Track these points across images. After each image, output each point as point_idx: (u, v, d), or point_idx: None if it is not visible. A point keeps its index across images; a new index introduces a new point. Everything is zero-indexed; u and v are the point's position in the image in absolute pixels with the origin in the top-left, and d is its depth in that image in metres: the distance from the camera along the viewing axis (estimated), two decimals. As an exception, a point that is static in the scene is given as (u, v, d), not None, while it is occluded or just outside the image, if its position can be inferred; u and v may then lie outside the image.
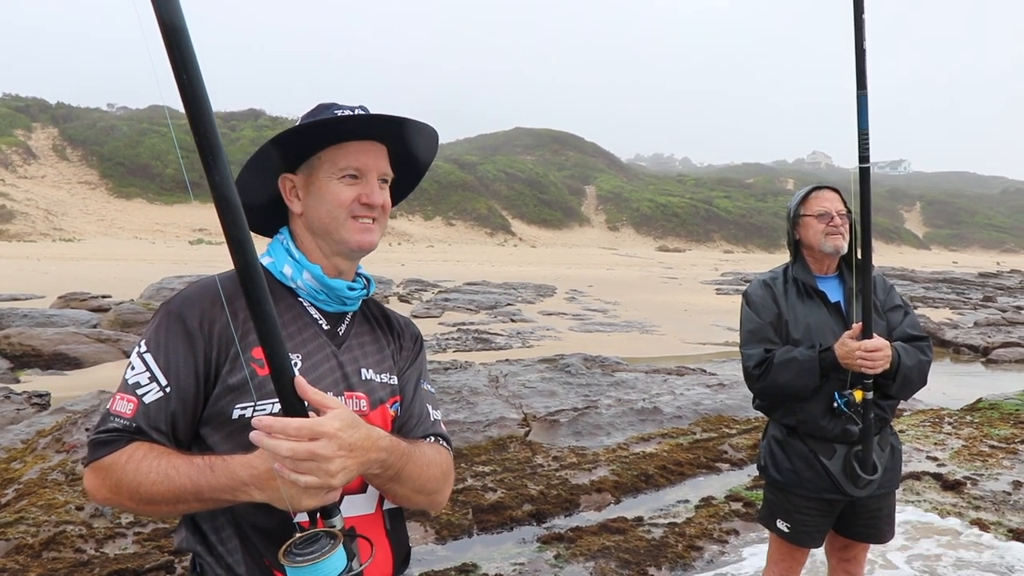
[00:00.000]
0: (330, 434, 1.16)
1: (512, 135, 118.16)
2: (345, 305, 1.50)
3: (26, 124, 63.74)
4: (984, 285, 35.19)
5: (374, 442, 1.26)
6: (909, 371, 2.57)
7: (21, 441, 6.03)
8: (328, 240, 1.46)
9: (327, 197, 1.43)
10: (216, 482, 1.23)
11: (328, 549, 1.15)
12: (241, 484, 1.22)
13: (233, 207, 1.08)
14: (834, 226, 2.71)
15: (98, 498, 1.30)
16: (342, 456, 1.18)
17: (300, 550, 1.15)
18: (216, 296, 1.35)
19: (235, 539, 1.35)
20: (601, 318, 19.08)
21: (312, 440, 1.14)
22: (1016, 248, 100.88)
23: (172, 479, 1.24)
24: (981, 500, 5.33)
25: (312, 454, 1.14)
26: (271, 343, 1.14)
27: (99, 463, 1.28)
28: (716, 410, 7.56)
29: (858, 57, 2.32)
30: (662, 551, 4.36)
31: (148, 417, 1.30)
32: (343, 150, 1.44)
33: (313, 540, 1.17)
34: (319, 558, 1.13)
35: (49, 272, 24.70)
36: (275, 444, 1.14)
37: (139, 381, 1.32)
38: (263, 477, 1.20)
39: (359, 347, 1.51)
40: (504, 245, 66.42)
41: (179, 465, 1.25)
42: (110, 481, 1.26)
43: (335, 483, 1.18)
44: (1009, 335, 16.57)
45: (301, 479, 1.15)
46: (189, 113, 1.03)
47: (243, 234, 1.10)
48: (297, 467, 1.14)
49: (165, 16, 1.00)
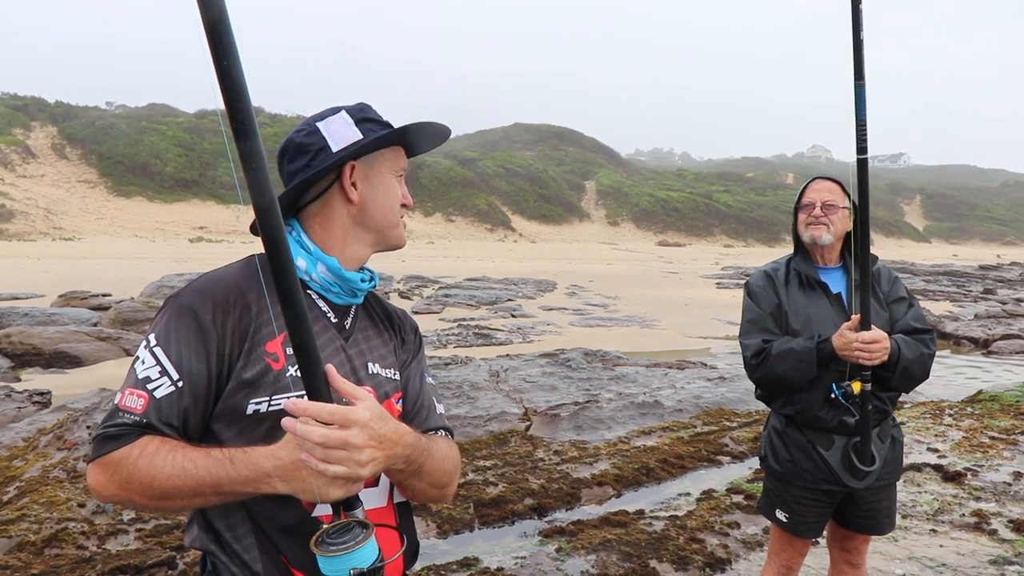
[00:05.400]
0: (363, 423, 1.15)
1: (511, 131, 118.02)
2: (355, 297, 1.49)
3: (25, 123, 63.67)
4: (984, 278, 35.18)
5: (401, 436, 1.26)
6: (909, 364, 2.56)
7: (22, 439, 6.04)
8: (377, 233, 1.48)
9: (391, 192, 1.48)
10: (237, 474, 1.21)
11: (362, 538, 1.15)
12: (264, 475, 1.20)
13: (269, 200, 1.08)
14: (814, 217, 2.71)
15: (104, 495, 1.25)
16: (372, 447, 1.17)
17: (333, 539, 1.14)
18: (229, 290, 1.34)
19: (251, 536, 1.32)
20: (601, 313, 19.08)
21: (344, 428, 1.14)
22: (1016, 241, 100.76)
23: (189, 472, 1.20)
24: (982, 491, 5.34)
25: (344, 442, 1.13)
26: (302, 332, 1.12)
27: (107, 458, 1.23)
28: (717, 403, 7.57)
29: (856, 48, 2.31)
30: (663, 544, 4.36)
31: (160, 412, 1.26)
32: (399, 151, 1.51)
33: (346, 529, 1.16)
34: (354, 547, 1.13)
35: (49, 271, 24.70)
36: (308, 430, 1.12)
37: (149, 376, 1.28)
38: (288, 468, 1.18)
39: (364, 341, 1.50)
40: (504, 241, 66.38)
41: (196, 458, 1.22)
42: (120, 476, 1.22)
43: (364, 473, 1.17)
44: (1009, 327, 16.57)
45: (330, 468, 1.13)
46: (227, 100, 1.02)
47: (278, 223, 1.09)
48: (327, 456, 1.13)
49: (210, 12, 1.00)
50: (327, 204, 1.45)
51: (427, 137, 1.53)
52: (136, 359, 1.31)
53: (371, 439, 1.16)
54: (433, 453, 1.40)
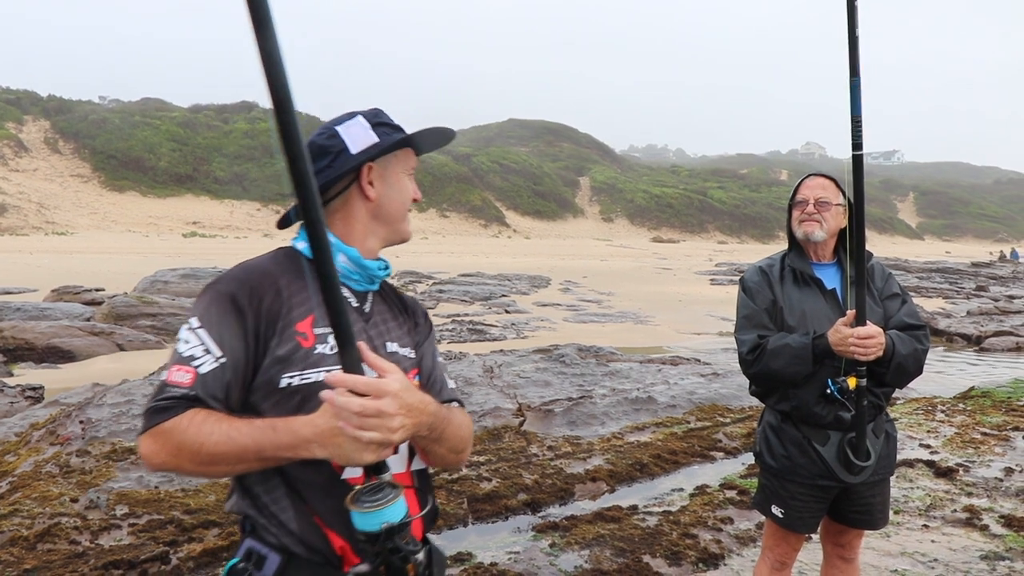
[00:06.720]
0: (394, 393, 1.28)
1: (506, 126, 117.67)
2: (372, 284, 1.64)
3: (17, 117, 63.16)
4: (977, 275, 35.33)
5: (426, 405, 1.40)
6: (904, 359, 2.58)
7: (15, 434, 6.02)
8: (389, 227, 1.65)
9: (405, 190, 1.65)
10: (279, 440, 1.33)
11: (393, 497, 1.29)
12: (303, 441, 1.32)
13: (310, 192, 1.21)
14: (807, 213, 2.73)
15: (155, 463, 1.37)
16: (402, 415, 1.30)
17: (367, 497, 1.28)
18: (263, 276, 1.49)
19: (286, 499, 1.45)
20: (595, 309, 19.11)
21: (377, 398, 1.26)
22: (1009, 237, 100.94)
23: (235, 439, 1.33)
24: (973, 487, 5.37)
25: (379, 411, 1.26)
26: (338, 312, 1.26)
27: (158, 428, 1.35)
28: (710, 399, 7.58)
29: (851, 45, 2.32)
30: (657, 539, 4.37)
31: (206, 386, 1.38)
32: (409, 152, 1.67)
33: (378, 489, 1.30)
34: (386, 504, 1.28)
35: (42, 266, 24.60)
36: (347, 400, 1.25)
37: (194, 354, 1.40)
38: (326, 435, 1.30)
39: (383, 323, 1.64)
40: (498, 237, 66.27)
41: (240, 427, 1.35)
42: (170, 444, 1.34)
43: (395, 439, 1.30)
44: (1001, 324, 16.65)
45: (365, 435, 1.26)
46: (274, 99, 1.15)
47: (319, 215, 1.23)
48: (363, 423, 1.25)
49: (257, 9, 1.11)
50: (347, 201, 1.60)
51: (435, 139, 1.70)
52: (179, 340, 1.44)
53: (401, 408, 1.30)
54: (452, 421, 1.54)
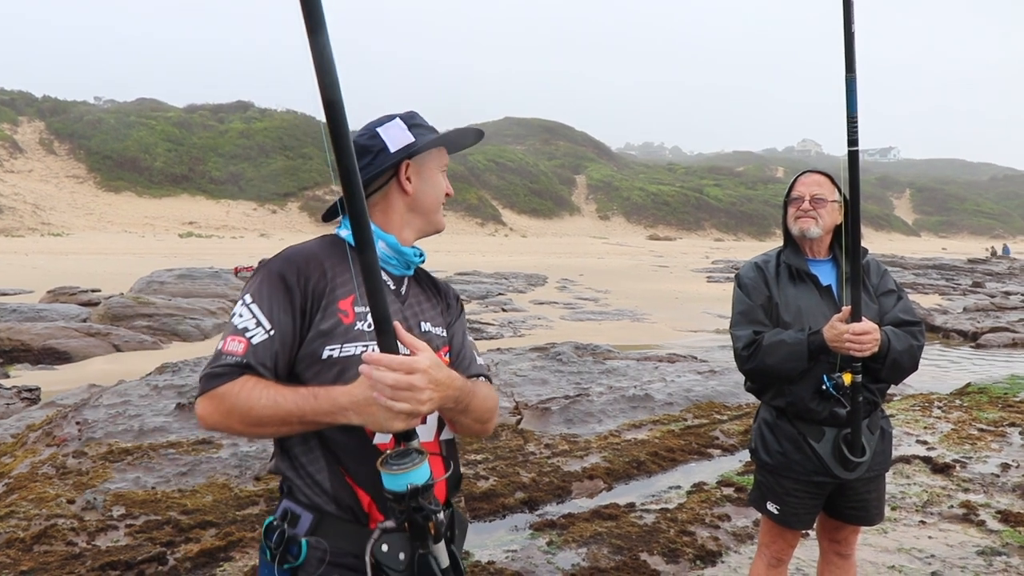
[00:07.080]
0: (423, 369, 1.42)
1: (502, 125, 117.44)
2: (408, 269, 1.80)
3: (12, 118, 62.92)
4: (973, 271, 35.40)
5: (452, 381, 1.54)
6: (899, 355, 2.58)
7: (11, 435, 6.01)
8: (425, 219, 1.81)
9: (438, 185, 1.82)
10: (319, 407, 1.48)
11: (419, 461, 1.42)
12: (341, 409, 1.47)
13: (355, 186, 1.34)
14: (803, 210, 2.73)
15: (209, 423, 1.52)
16: (431, 389, 1.44)
17: (396, 461, 1.41)
18: (310, 257, 1.64)
19: (322, 460, 1.60)
20: (592, 307, 19.12)
21: (409, 374, 1.40)
22: (1005, 234, 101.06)
23: (280, 404, 1.48)
24: (970, 482, 5.38)
25: (410, 385, 1.40)
26: (376, 294, 1.39)
27: (214, 391, 1.51)
28: (707, 396, 7.58)
29: (847, 41, 2.32)
30: (654, 536, 4.38)
31: (257, 355, 1.54)
32: (442, 150, 1.85)
33: (405, 454, 1.43)
34: (412, 467, 1.40)
35: (38, 267, 24.54)
36: (382, 375, 1.39)
37: (247, 326, 1.56)
38: (361, 404, 1.44)
39: (417, 304, 1.79)
40: (495, 235, 66.24)
41: (286, 393, 1.50)
42: (224, 407, 1.50)
43: (424, 410, 1.44)
44: (997, 320, 16.69)
45: (396, 406, 1.40)
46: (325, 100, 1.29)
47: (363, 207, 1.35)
48: (395, 395, 1.39)
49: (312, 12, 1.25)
50: (386, 195, 1.76)
51: (466, 139, 1.91)
52: (234, 315, 1.60)
53: (430, 383, 1.43)
54: (477, 394, 1.68)
